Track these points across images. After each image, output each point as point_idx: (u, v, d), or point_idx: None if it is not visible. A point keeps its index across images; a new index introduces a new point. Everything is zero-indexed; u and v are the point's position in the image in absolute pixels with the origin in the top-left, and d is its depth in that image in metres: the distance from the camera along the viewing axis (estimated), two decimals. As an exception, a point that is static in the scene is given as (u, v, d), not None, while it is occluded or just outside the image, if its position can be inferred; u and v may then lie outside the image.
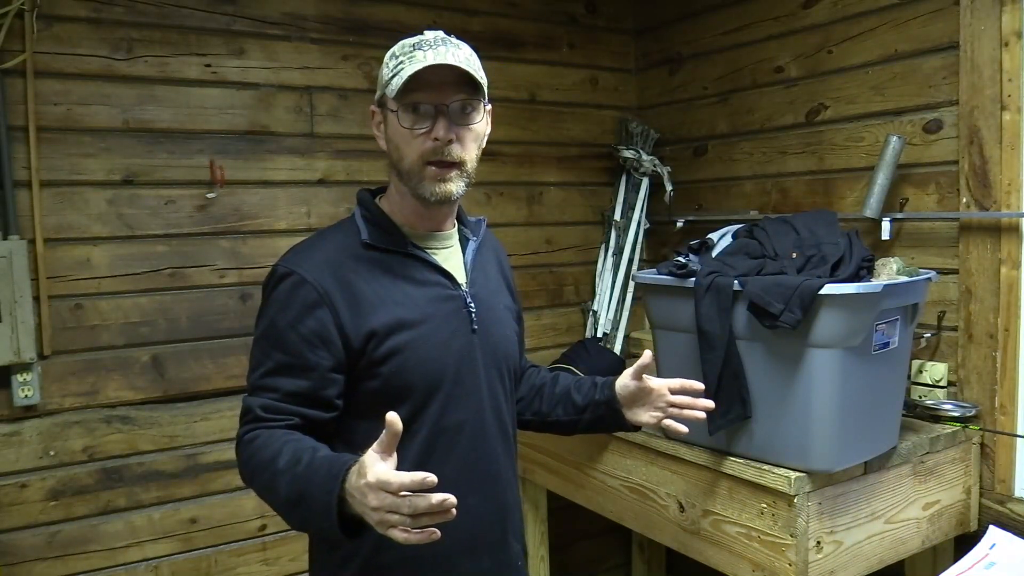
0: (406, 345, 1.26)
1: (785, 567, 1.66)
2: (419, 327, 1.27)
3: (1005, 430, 1.93)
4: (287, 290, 1.25)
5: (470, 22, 2.64)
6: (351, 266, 1.27)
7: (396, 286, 1.28)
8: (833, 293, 1.54)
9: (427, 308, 1.29)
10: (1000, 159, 1.90)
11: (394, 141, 1.26)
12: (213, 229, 2.28)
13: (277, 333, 1.24)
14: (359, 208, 1.36)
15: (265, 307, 1.28)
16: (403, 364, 1.26)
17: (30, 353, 2.00)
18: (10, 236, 1.98)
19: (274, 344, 1.25)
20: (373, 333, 1.24)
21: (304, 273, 1.25)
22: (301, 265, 1.26)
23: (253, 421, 1.24)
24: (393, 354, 1.25)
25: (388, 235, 1.31)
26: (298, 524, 1.17)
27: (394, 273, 1.29)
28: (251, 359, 1.29)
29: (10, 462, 2.05)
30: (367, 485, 1.00)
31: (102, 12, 2.11)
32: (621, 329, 2.85)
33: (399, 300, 1.27)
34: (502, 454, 1.39)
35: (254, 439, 1.21)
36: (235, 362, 2.30)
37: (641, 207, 2.87)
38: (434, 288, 1.31)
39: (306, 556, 1.47)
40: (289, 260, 1.29)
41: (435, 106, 1.22)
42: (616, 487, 2.10)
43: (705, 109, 2.73)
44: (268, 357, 1.25)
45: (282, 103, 2.36)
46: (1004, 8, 1.87)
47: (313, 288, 1.24)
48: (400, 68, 1.21)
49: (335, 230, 1.36)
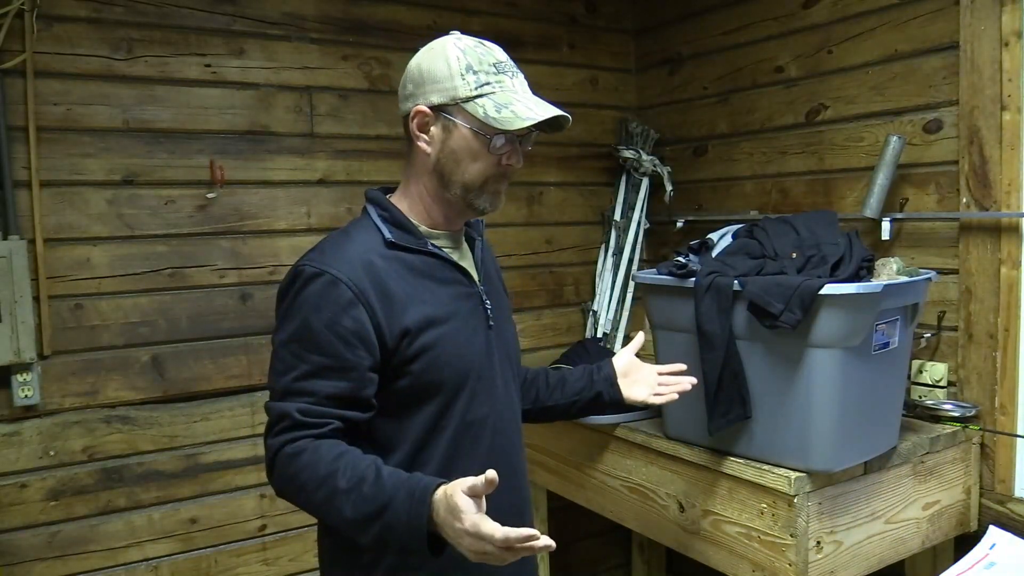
0: (435, 342, 1.28)
1: (785, 567, 1.66)
2: (446, 324, 1.30)
3: (1005, 430, 1.93)
4: (320, 290, 1.23)
5: (470, 22, 2.64)
6: (380, 265, 1.27)
7: (422, 284, 1.29)
8: (833, 293, 1.54)
9: (451, 305, 1.32)
10: (1000, 159, 1.90)
11: (457, 153, 1.28)
12: (213, 229, 2.28)
13: (312, 335, 1.22)
14: (374, 208, 1.35)
15: (293, 309, 1.25)
16: (433, 361, 1.27)
17: (30, 353, 2.00)
18: (10, 236, 1.98)
19: (309, 346, 1.22)
20: (407, 331, 1.25)
21: (336, 272, 1.23)
22: (332, 264, 1.24)
23: (292, 428, 1.20)
24: (424, 351, 1.27)
25: (409, 234, 1.32)
26: (369, 540, 1.16)
27: (419, 272, 1.30)
28: (278, 363, 1.25)
29: (10, 462, 2.05)
30: (465, 532, 1.05)
31: (102, 12, 2.11)
32: (621, 329, 2.85)
33: (426, 298, 1.29)
34: (518, 446, 1.44)
35: (298, 453, 1.19)
36: (235, 362, 2.30)
37: (641, 207, 2.87)
38: (455, 286, 1.34)
39: (306, 556, 1.47)
40: (316, 260, 1.26)
41: (522, 138, 1.31)
42: (616, 487, 2.10)
43: (705, 109, 2.73)
44: (302, 360, 1.22)
45: (282, 103, 2.36)
46: (1004, 8, 1.86)
47: (348, 287, 1.22)
48: (489, 91, 1.25)
49: (357, 229, 1.33)
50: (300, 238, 2.40)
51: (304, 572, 2.41)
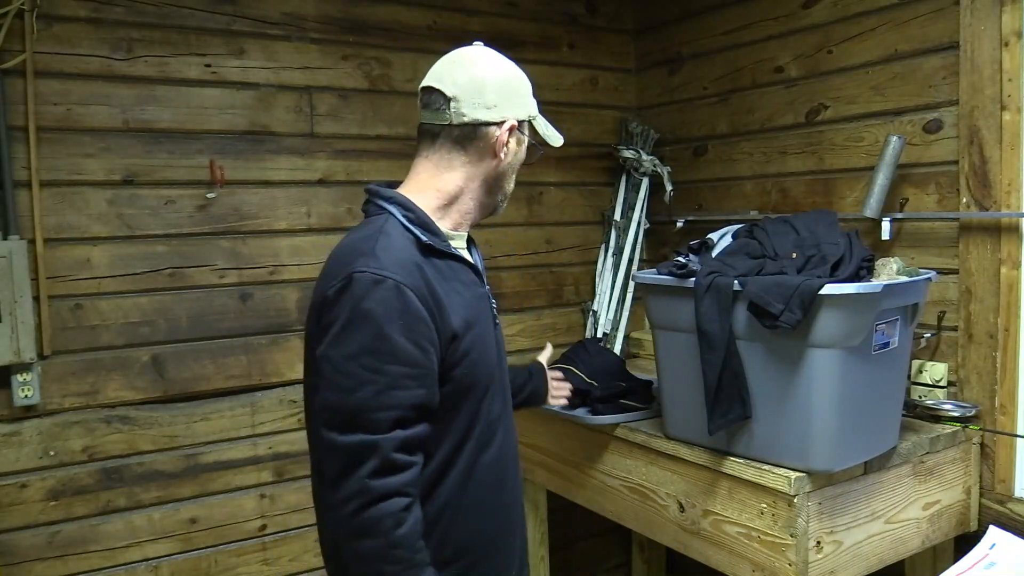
0: (472, 345, 1.29)
1: (785, 567, 1.66)
2: (477, 327, 1.31)
3: (1005, 430, 1.93)
4: (388, 298, 1.18)
5: (470, 22, 2.64)
6: (427, 270, 1.25)
7: (453, 287, 1.29)
8: (833, 293, 1.54)
9: (476, 307, 1.33)
10: (1000, 159, 1.90)
11: (513, 165, 1.41)
12: (213, 229, 2.28)
13: (390, 345, 1.17)
14: (399, 209, 1.30)
15: (357, 318, 1.17)
16: (473, 364, 1.29)
17: (30, 353, 2.00)
18: (10, 236, 1.98)
19: (386, 357, 1.17)
20: (455, 335, 1.25)
21: (399, 278, 1.19)
22: (390, 269, 1.20)
23: (391, 472, 1.15)
24: (467, 355, 1.28)
25: (436, 237, 1.31)
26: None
27: (447, 275, 1.29)
28: (344, 380, 1.17)
29: (10, 462, 2.05)
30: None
31: (102, 12, 2.11)
32: (621, 329, 2.85)
33: (459, 302, 1.29)
34: (516, 437, 1.49)
35: (415, 534, 1.17)
36: (235, 362, 2.30)
37: (641, 207, 2.87)
38: (474, 287, 1.36)
39: (306, 556, 1.47)
40: (372, 265, 1.20)
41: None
42: (616, 487, 2.10)
43: (705, 109, 2.73)
44: (380, 373, 1.16)
45: (282, 103, 2.36)
46: (1004, 8, 1.87)
47: (412, 292, 1.20)
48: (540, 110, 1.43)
49: (393, 232, 1.27)
50: (300, 238, 2.40)
51: (304, 572, 2.41)
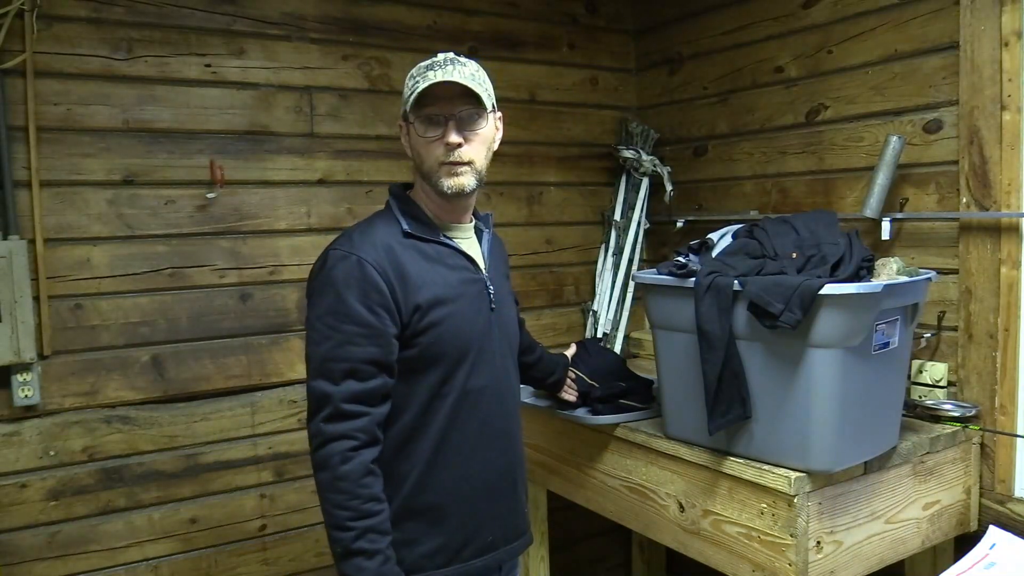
0: (442, 319, 1.47)
1: (785, 567, 1.66)
2: (452, 304, 1.49)
3: (1005, 430, 1.93)
4: (349, 269, 1.41)
5: (470, 22, 2.64)
6: (398, 250, 1.46)
7: (433, 269, 1.49)
8: (833, 293, 1.54)
9: (458, 288, 1.51)
10: (1000, 159, 1.90)
11: (416, 148, 1.50)
12: (213, 229, 2.28)
13: (344, 307, 1.39)
14: (395, 202, 1.55)
15: (326, 286, 1.42)
16: (440, 335, 1.47)
17: (30, 353, 2.00)
18: (10, 236, 1.98)
19: (342, 317, 1.39)
20: (418, 307, 1.44)
21: (363, 255, 1.42)
22: (358, 248, 1.43)
23: (340, 419, 1.37)
24: (432, 326, 1.46)
25: (424, 226, 1.52)
26: (330, 541, 1.39)
27: (431, 258, 1.50)
28: (314, 335, 1.42)
29: (10, 462, 2.05)
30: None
31: (102, 12, 2.11)
32: (621, 329, 2.85)
33: (437, 281, 1.48)
34: (513, 415, 1.63)
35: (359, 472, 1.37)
36: (235, 362, 2.30)
37: (641, 207, 2.87)
38: (462, 272, 1.54)
39: (306, 556, 1.50)
40: (344, 245, 1.45)
41: (444, 116, 1.44)
42: (616, 487, 2.10)
43: (705, 109, 2.73)
44: (336, 330, 1.39)
45: (282, 103, 2.36)
46: (1004, 8, 1.86)
47: (373, 267, 1.41)
48: (416, 86, 1.44)
49: (380, 220, 1.53)
50: (300, 238, 2.40)
51: (304, 572, 2.41)
